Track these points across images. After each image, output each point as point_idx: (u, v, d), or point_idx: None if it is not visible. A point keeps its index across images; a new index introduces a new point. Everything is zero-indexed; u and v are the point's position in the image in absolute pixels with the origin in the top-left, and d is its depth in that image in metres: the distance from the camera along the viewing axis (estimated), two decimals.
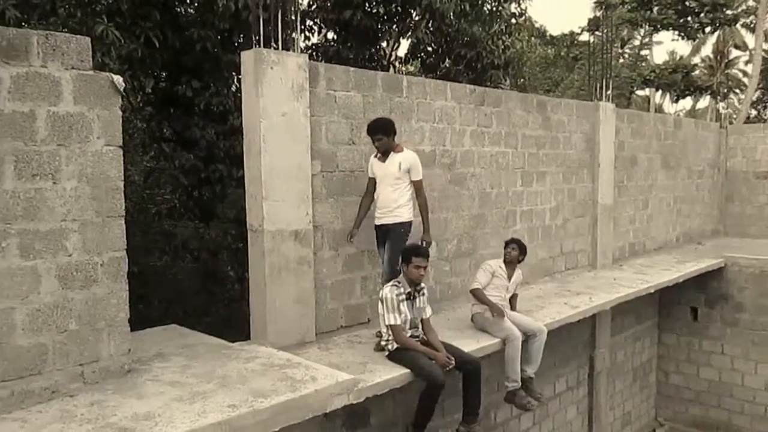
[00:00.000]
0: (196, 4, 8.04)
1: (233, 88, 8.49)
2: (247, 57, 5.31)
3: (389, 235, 5.60)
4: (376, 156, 5.70)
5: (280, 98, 5.29)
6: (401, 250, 5.34)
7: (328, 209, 5.80)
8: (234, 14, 7.61)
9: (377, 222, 5.69)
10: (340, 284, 5.92)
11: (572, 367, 8.68)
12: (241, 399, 4.02)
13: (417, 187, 5.64)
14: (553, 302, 7.27)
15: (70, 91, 4.03)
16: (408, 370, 4.94)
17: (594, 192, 9.39)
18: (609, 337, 9.18)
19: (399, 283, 5.15)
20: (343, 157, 5.90)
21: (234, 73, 8.38)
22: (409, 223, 5.62)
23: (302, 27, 9.92)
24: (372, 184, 5.74)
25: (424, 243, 5.59)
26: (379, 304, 5.13)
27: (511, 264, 6.26)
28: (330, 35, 10.88)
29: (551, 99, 9.00)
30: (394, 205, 5.55)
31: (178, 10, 8.03)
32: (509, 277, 6.23)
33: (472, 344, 5.62)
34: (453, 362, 5.01)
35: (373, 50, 10.75)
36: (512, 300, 6.37)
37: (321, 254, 5.75)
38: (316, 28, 10.70)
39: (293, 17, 5.49)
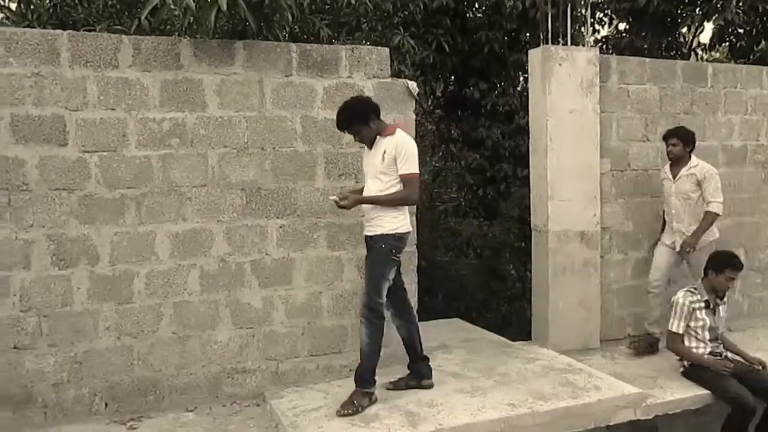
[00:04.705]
0: (484, 8, 8.25)
1: (519, 88, 8.53)
2: (534, 55, 5.27)
3: (369, 249, 4.08)
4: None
5: (568, 95, 5.14)
6: (381, 274, 3.94)
7: (617, 210, 5.48)
8: (521, 14, 7.63)
9: (364, 233, 4.16)
10: (628, 290, 5.55)
11: None
12: (520, 399, 4.01)
13: (404, 181, 3.91)
14: None
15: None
16: (707, 392, 4.42)
17: None
18: None
19: (695, 289, 4.64)
20: (635, 154, 5.52)
21: (520, 73, 8.42)
22: (396, 236, 3.96)
23: (591, 20, 9.53)
24: None
25: (336, 199, 3.96)
26: (671, 309, 4.69)
27: None
28: (621, 26, 10.27)
29: None
30: (375, 211, 3.98)
31: (468, 15, 8.32)
32: None
33: None
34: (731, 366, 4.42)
35: (671, 38, 9.87)
36: None
37: (608, 257, 5.46)
38: (606, 19, 10.20)
39: (582, 11, 5.29)
